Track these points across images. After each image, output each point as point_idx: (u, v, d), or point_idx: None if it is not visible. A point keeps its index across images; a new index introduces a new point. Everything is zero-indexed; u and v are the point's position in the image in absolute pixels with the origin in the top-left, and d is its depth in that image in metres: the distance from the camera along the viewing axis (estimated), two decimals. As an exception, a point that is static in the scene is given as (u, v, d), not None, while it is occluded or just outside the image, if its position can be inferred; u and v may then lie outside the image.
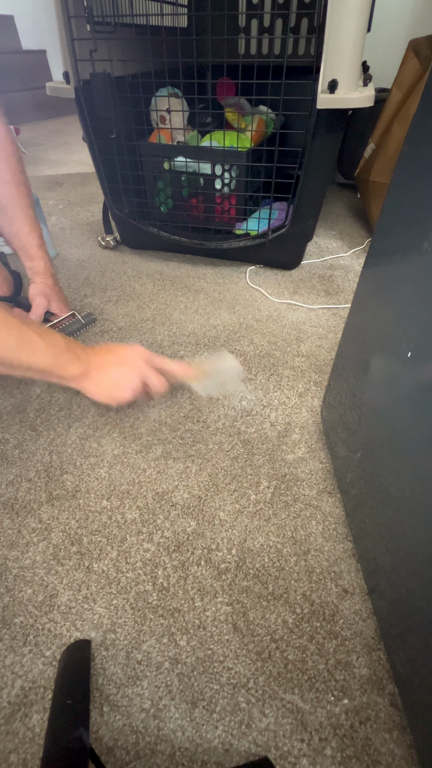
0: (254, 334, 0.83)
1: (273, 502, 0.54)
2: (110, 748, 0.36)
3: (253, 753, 0.36)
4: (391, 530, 0.37)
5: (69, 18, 0.76)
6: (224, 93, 1.16)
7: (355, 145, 1.31)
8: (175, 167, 0.94)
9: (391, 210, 0.37)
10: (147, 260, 1.10)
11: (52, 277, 0.82)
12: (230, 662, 0.40)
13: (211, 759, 0.35)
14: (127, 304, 0.93)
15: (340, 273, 1.04)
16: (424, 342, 0.31)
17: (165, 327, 0.86)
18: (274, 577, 0.47)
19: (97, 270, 1.06)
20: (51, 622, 0.43)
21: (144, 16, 0.90)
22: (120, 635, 0.42)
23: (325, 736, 0.36)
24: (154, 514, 0.53)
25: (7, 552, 0.49)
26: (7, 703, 0.38)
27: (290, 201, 0.89)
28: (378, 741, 0.36)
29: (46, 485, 0.56)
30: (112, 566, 0.48)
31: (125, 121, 0.89)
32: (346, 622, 0.43)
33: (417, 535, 0.32)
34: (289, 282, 1.00)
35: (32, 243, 0.76)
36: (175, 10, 1.11)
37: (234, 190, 0.96)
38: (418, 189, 0.32)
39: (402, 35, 1.40)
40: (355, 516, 0.48)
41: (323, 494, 0.55)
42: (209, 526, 0.51)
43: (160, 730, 0.37)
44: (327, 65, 0.68)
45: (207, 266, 1.07)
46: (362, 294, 0.44)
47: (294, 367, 0.75)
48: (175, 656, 0.41)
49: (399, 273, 0.35)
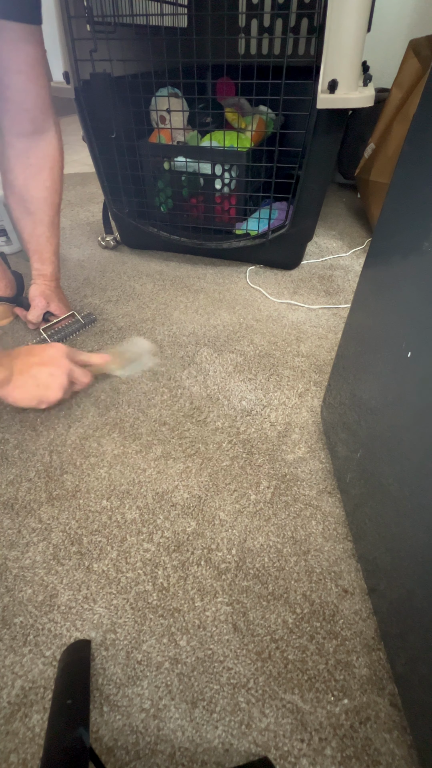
0: (254, 334, 0.83)
1: (273, 502, 0.54)
2: (110, 748, 0.36)
3: (253, 753, 0.36)
4: (391, 530, 0.37)
5: (69, 18, 0.76)
6: (224, 93, 1.16)
7: (355, 145, 1.31)
8: (175, 167, 0.94)
9: (391, 210, 0.37)
10: (147, 260, 1.10)
11: (55, 280, 0.82)
12: (230, 662, 0.41)
13: (211, 759, 0.35)
14: (127, 304, 0.93)
15: (340, 273, 1.04)
16: (424, 342, 0.31)
17: (165, 327, 0.86)
18: (274, 577, 0.47)
19: (97, 270, 1.06)
20: (51, 622, 0.43)
21: (144, 16, 0.90)
22: (120, 635, 0.42)
23: (325, 736, 0.36)
24: (154, 514, 0.53)
25: (7, 552, 0.49)
26: (7, 703, 0.38)
27: (290, 201, 0.89)
28: (378, 741, 0.36)
29: (46, 485, 0.56)
30: (112, 566, 0.48)
31: (125, 121, 0.89)
32: (346, 622, 0.43)
33: (417, 535, 0.32)
34: (289, 282, 1.00)
35: (49, 249, 0.78)
36: (175, 10, 1.11)
37: (234, 190, 0.96)
38: (418, 189, 0.32)
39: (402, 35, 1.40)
40: (355, 516, 0.48)
41: (323, 494, 0.55)
42: (209, 526, 0.51)
43: (160, 730, 0.37)
44: (327, 65, 0.68)
45: (207, 266, 1.07)
46: (362, 294, 0.44)
47: (294, 367, 0.75)
48: (175, 656, 0.41)
49: (399, 273, 0.35)
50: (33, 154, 0.68)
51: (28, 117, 0.64)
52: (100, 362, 0.68)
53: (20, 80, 0.59)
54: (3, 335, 0.84)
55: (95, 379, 0.70)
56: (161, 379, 0.73)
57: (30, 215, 0.73)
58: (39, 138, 0.68)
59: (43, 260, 0.79)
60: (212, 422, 0.65)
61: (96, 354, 0.68)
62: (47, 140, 0.69)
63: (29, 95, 0.62)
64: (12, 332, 0.85)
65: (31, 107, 0.63)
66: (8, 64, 0.57)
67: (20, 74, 0.59)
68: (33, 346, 0.64)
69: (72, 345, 0.81)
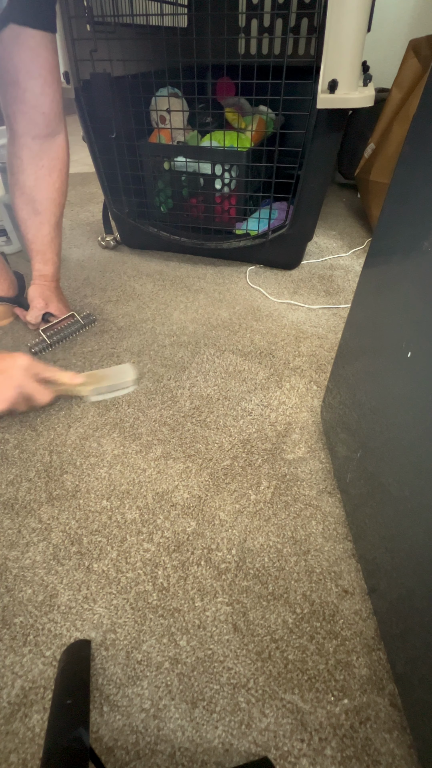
0: (254, 334, 0.83)
1: (273, 502, 0.54)
2: (110, 748, 0.36)
3: (253, 753, 0.36)
4: (391, 530, 0.37)
5: (69, 18, 0.76)
6: (224, 93, 1.16)
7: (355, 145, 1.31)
8: (175, 167, 0.94)
9: (391, 210, 0.37)
10: (147, 260, 1.10)
11: (55, 281, 0.83)
12: (230, 662, 0.40)
13: (211, 759, 0.35)
14: (127, 304, 0.93)
15: (340, 273, 1.04)
16: (424, 342, 0.31)
17: (165, 327, 0.86)
18: (274, 577, 0.47)
19: (97, 270, 1.06)
20: (51, 622, 0.43)
21: (144, 16, 0.90)
22: (120, 635, 0.42)
23: (325, 736, 0.36)
24: (154, 514, 0.53)
25: (7, 552, 0.49)
26: (7, 703, 0.38)
27: (290, 201, 0.89)
28: (378, 741, 0.36)
29: (46, 485, 0.56)
30: (112, 566, 0.48)
31: (125, 121, 0.89)
32: (346, 622, 0.43)
33: (417, 535, 0.32)
34: (289, 282, 1.00)
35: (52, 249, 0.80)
36: (175, 10, 1.11)
37: (234, 190, 0.96)
38: (418, 189, 0.32)
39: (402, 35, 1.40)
40: (355, 516, 0.48)
41: (323, 494, 0.55)
42: (209, 526, 0.51)
43: (160, 730, 0.37)
44: (327, 65, 0.68)
45: (207, 266, 1.07)
46: (362, 294, 0.44)
47: (294, 367, 0.75)
48: (175, 656, 0.41)
49: (399, 273, 0.35)
50: (46, 156, 0.70)
51: (44, 120, 0.67)
52: (68, 382, 0.65)
53: (38, 84, 0.62)
54: (3, 335, 0.84)
55: (57, 399, 0.67)
56: (161, 379, 0.73)
57: (37, 215, 0.75)
58: (52, 140, 0.70)
59: (45, 261, 0.79)
60: (212, 422, 0.65)
61: (66, 373, 0.65)
62: (59, 142, 0.71)
63: (46, 99, 0.65)
64: (12, 332, 0.85)
65: (47, 110, 0.66)
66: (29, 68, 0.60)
67: (39, 78, 0.62)
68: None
69: (71, 345, 0.81)
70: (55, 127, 0.69)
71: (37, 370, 0.61)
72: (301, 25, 1.21)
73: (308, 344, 0.80)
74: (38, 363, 0.62)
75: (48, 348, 0.80)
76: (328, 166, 0.88)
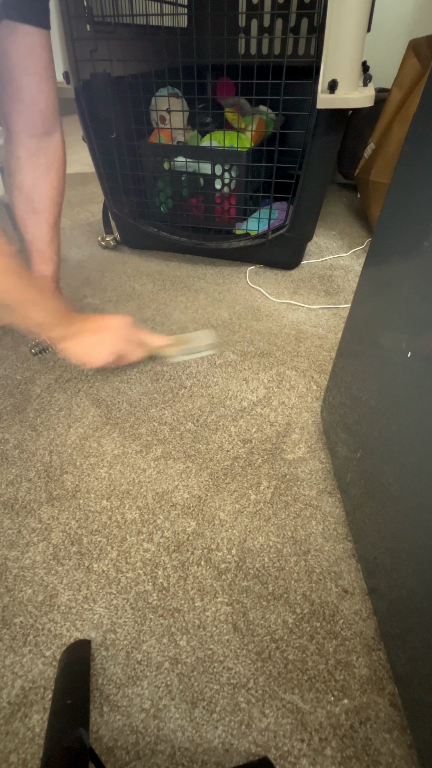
0: (254, 334, 0.83)
1: (273, 502, 0.54)
2: (110, 748, 0.36)
3: (253, 753, 0.36)
4: (391, 530, 0.37)
5: (69, 18, 0.76)
6: (224, 93, 1.16)
7: (355, 145, 1.31)
8: (175, 167, 0.94)
9: (391, 210, 0.37)
10: (147, 260, 1.10)
11: (54, 282, 0.83)
12: (230, 662, 0.40)
13: (211, 759, 0.35)
14: (127, 304, 0.93)
15: (340, 273, 1.04)
16: (424, 342, 0.31)
17: (165, 327, 0.86)
18: (274, 577, 0.47)
19: (97, 270, 1.06)
20: (51, 622, 0.43)
21: (144, 16, 0.90)
22: (120, 635, 0.42)
23: (325, 736, 0.36)
24: (154, 514, 0.53)
25: (7, 552, 0.49)
26: (7, 703, 0.38)
27: (290, 201, 0.89)
28: (378, 741, 0.36)
29: (46, 485, 0.56)
30: (112, 566, 0.48)
31: (125, 121, 0.89)
32: (346, 622, 0.43)
33: (417, 535, 0.32)
34: (289, 282, 1.00)
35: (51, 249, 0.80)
36: (175, 10, 1.11)
37: (234, 190, 0.96)
38: (418, 189, 0.32)
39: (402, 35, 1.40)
40: (355, 516, 0.48)
41: (323, 494, 0.55)
42: (209, 526, 0.51)
43: (160, 730, 0.37)
44: (327, 65, 0.68)
45: (207, 266, 1.07)
46: (362, 294, 0.44)
47: (294, 367, 0.75)
48: (175, 656, 0.41)
49: (399, 273, 0.35)
50: (43, 154, 0.71)
51: (41, 118, 0.67)
52: (155, 342, 0.68)
53: (35, 82, 0.62)
54: (3, 335, 0.85)
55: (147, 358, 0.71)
56: (161, 379, 0.73)
57: (36, 215, 0.75)
58: (49, 138, 0.70)
59: (45, 260, 0.79)
60: (212, 422, 0.65)
61: (158, 336, 0.69)
62: (55, 140, 0.71)
63: (42, 96, 0.65)
64: (12, 332, 0.85)
65: (44, 108, 0.66)
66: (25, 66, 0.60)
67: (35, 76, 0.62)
68: (101, 315, 0.66)
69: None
70: (52, 125, 0.69)
71: (134, 331, 0.65)
72: (301, 25, 1.21)
73: (308, 344, 0.80)
74: (135, 325, 0.66)
75: (48, 349, 0.80)
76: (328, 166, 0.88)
